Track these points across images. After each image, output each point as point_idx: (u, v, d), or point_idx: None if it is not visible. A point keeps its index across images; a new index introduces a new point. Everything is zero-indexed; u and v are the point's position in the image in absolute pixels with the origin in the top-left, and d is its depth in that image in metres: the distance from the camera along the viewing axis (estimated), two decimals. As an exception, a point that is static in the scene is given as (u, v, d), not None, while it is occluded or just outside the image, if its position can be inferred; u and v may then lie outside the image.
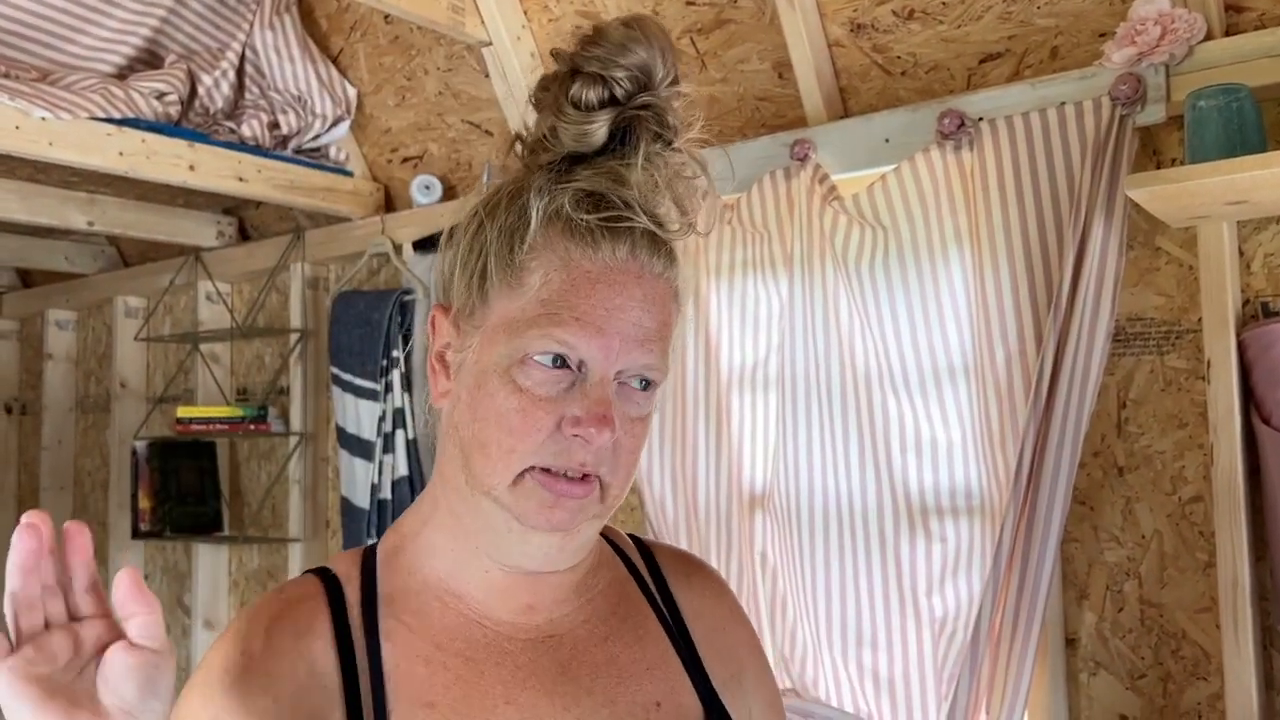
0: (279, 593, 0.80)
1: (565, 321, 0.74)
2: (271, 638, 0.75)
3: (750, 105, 2.11)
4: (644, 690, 0.82)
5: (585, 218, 0.75)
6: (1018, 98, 1.72)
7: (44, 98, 2.14)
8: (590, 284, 0.74)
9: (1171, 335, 1.68)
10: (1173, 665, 1.66)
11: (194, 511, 3.10)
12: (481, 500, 0.77)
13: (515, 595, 0.81)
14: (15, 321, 3.99)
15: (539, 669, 0.79)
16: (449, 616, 0.79)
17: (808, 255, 1.89)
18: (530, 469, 0.75)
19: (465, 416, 0.77)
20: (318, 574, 0.82)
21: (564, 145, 0.77)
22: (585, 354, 0.74)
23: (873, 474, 1.84)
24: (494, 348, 0.76)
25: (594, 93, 0.76)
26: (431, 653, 0.77)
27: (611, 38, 0.76)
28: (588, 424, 0.73)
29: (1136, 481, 1.70)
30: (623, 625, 0.85)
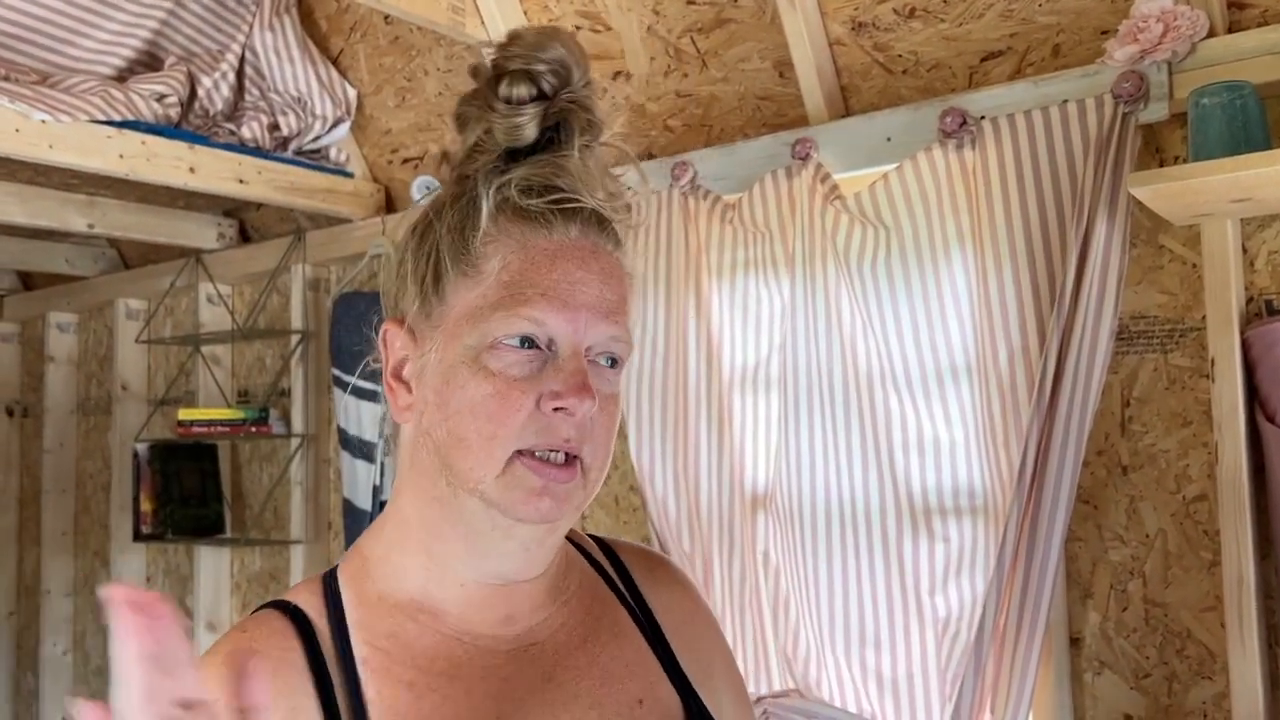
0: (241, 631, 0.77)
1: (531, 299, 0.74)
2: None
3: (751, 104, 2.11)
4: (627, 689, 0.83)
5: (534, 202, 0.77)
6: (1020, 96, 1.72)
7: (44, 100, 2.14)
8: (549, 261, 0.76)
9: (1175, 333, 1.67)
10: (1178, 664, 1.65)
11: (196, 514, 3.10)
12: (466, 501, 0.76)
13: (493, 607, 0.80)
14: (16, 324, 3.99)
15: (525, 679, 0.78)
16: (426, 636, 0.78)
17: (809, 255, 1.89)
18: (516, 455, 0.74)
19: (436, 417, 0.76)
20: (276, 607, 0.79)
21: (499, 143, 0.79)
22: (554, 329, 0.74)
23: (875, 474, 1.84)
24: (458, 340, 0.76)
25: (522, 88, 0.78)
26: (414, 676, 0.76)
27: (527, 39, 0.79)
28: (568, 395, 0.73)
29: (1141, 480, 1.70)
30: (599, 625, 0.85)
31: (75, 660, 3.68)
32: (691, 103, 2.18)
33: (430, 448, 0.77)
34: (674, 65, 2.16)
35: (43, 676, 3.64)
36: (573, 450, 0.75)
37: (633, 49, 2.19)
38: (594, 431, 0.76)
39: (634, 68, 2.21)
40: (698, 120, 2.18)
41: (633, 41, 2.19)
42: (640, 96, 2.23)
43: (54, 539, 3.68)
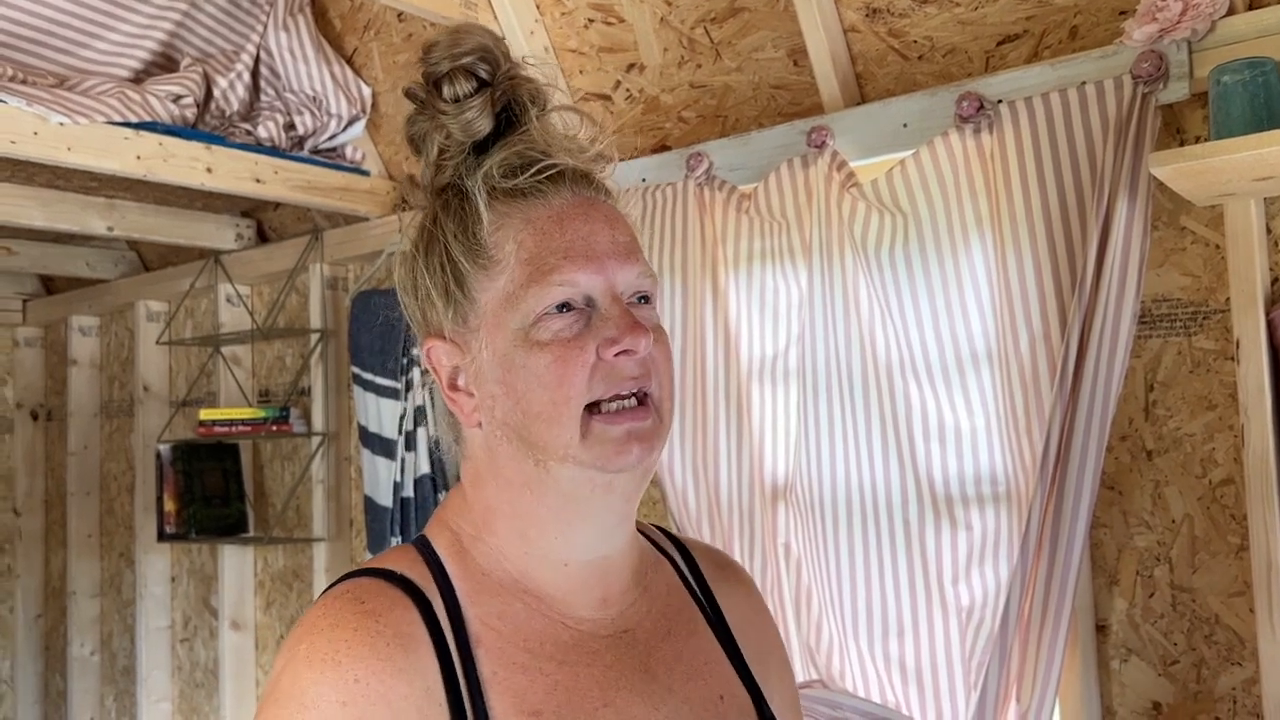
0: (359, 603, 0.73)
1: (555, 265, 0.76)
2: (387, 660, 0.70)
3: (766, 94, 2.10)
4: (709, 685, 0.85)
5: (520, 180, 0.79)
6: (1037, 79, 1.70)
7: (61, 103, 2.15)
8: (557, 225, 0.78)
9: (1199, 316, 1.65)
10: (1206, 650, 1.63)
11: (219, 513, 3.12)
12: (560, 471, 0.77)
13: (590, 588, 0.81)
14: (39, 328, 4.03)
15: (625, 668, 0.80)
16: (534, 619, 0.79)
17: (826, 243, 1.88)
18: (590, 412, 0.76)
19: (508, 404, 0.78)
20: (383, 577, 0.76)
21: (460, 142, 0.82)
22: (585, 284, 0.76)
23: (896, 463, 1.82)
24: (503, 329, 0.78)
25: (462, 84, 0.81)
26: (526, 660, 0.77)
27: (443, 42, 0.82)
28: (623, 336, 0.75)
29: (1166, 465, 1.68)
30: (678, 618, 0.87)
31: (103, 660, 3.71)
32: (706, 93, 2.17)
33: (509, 436, 0.78)
34: (687, 56, 2.16)
35: (71, 677, 3.68)
36: (643, 387, 0.77)
37: (646, 41, 2.19)
38: (656, 366, 0.78)
39: (647, 59, 2.20)
40: (712, 111, 2.18)
41: (646, 33, 2.18)
42: (654, 88, 2.22)
43: (80, 541, 3.71)
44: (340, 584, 0.77)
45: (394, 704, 0.69)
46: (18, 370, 3.99)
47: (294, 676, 0.69)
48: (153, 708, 3.35)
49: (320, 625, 0.72)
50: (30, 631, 3.94)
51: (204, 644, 3.35)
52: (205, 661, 3.33)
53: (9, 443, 3.98)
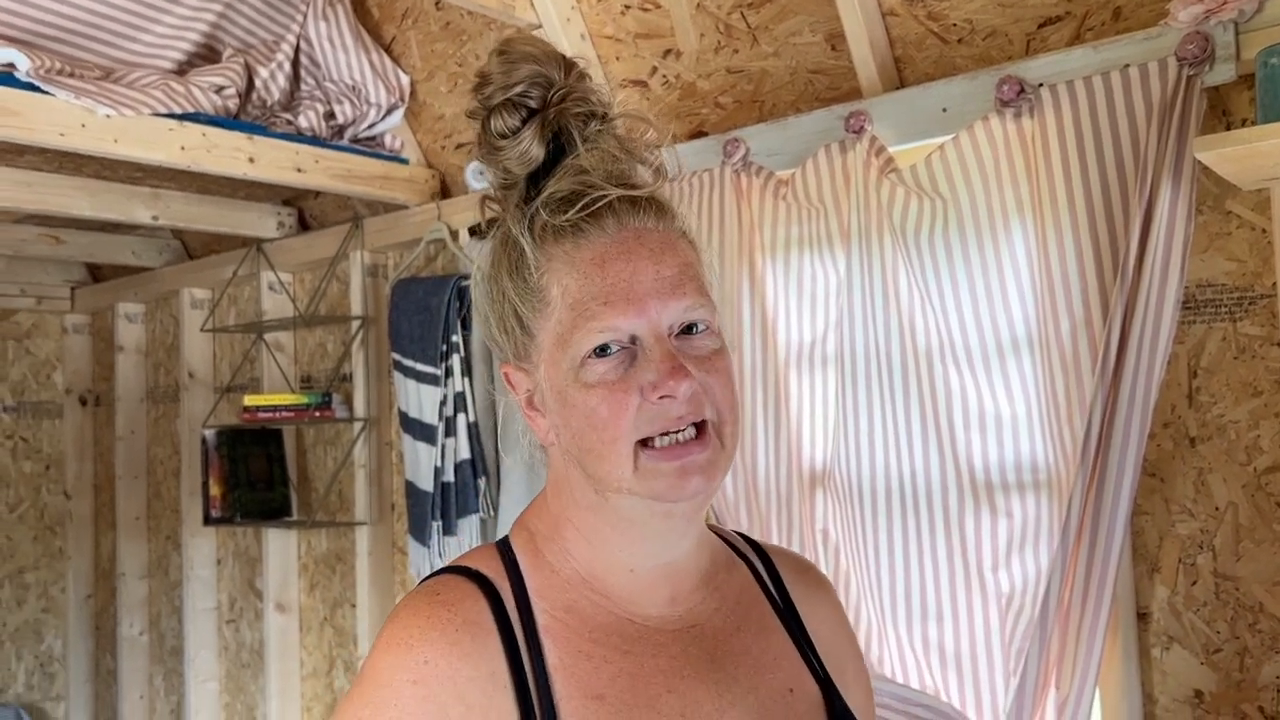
0: (434, 595, 0.79)
1: (595, 313, 0.77)
2: (454, 644, 0.76)
3: (803, 79, 2.09)
4: (777, 678, 0.87)
5: (563, 219, 0.79)
6: (1079, 62, 1.68)
7: (108, 95, 2.19)
8: (599, 267, 0.78)
9: (1244, 301, 1.63)
10: (1249, 639, 1.62)
11: (263, 497, 3.17)
12: (618, 500, 0.80)
13: (658, 589, 0.84)
14: (87, 315, 4.10)
15: (691, 658, 0.82)
16: (600, 614, 0.82)
17: (865, 229, 1.87)
18: (640, 448, 0.77)
19: (566, 436, 0.81)
20: (460, 573, 0.82)
21: (517, 175, 0.82)
22: (627, 327, 0.77)
23: (935, 450, 1.82)
24: (557, 367, 0.80)
25: (509, 117, 0.82)
26: (591, 649, 0.80)
27: (495, 69, 0.82)
28: (664, 380, 0.76)
29: (1209, 452, 1.66)
30: (748, 616, 0.89)
31: (151, 640, 3.79)
32: (743, 79, 2.16)
33: (572, 463, 0.82)
34: (724, 41, 2.15)
35: (120, 657, 3.76)
36: (696, 418, 0.78)
37: (683, 26, 2.18)
38: (710, 393, 0.79)
39: (684, 45, 2.20)
40: (749, 96, 2.17)
41: (682, 19, 2.17)
42: (691, 74, 2.22)
43: (128, 523, 3.79)
44: (424, 582, 0.82)
45: (459, 685, 0.74)
46: (66, 356, 4.08)
47: (373, 661, 0.76)
48: (200, 687, 3.42)
49: (400, 615, 0.78)
50: (81, 611, 4.03)
51: (249, 625, 3.41)
52: (251, 642, 3.39)
53: (59, 427, 4.07)
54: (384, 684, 0.74)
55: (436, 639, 0.75)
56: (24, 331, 4.03)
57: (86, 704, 4.03)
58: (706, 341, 0.80)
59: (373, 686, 0.75)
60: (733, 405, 0.81)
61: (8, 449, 3.97)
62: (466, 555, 0.86)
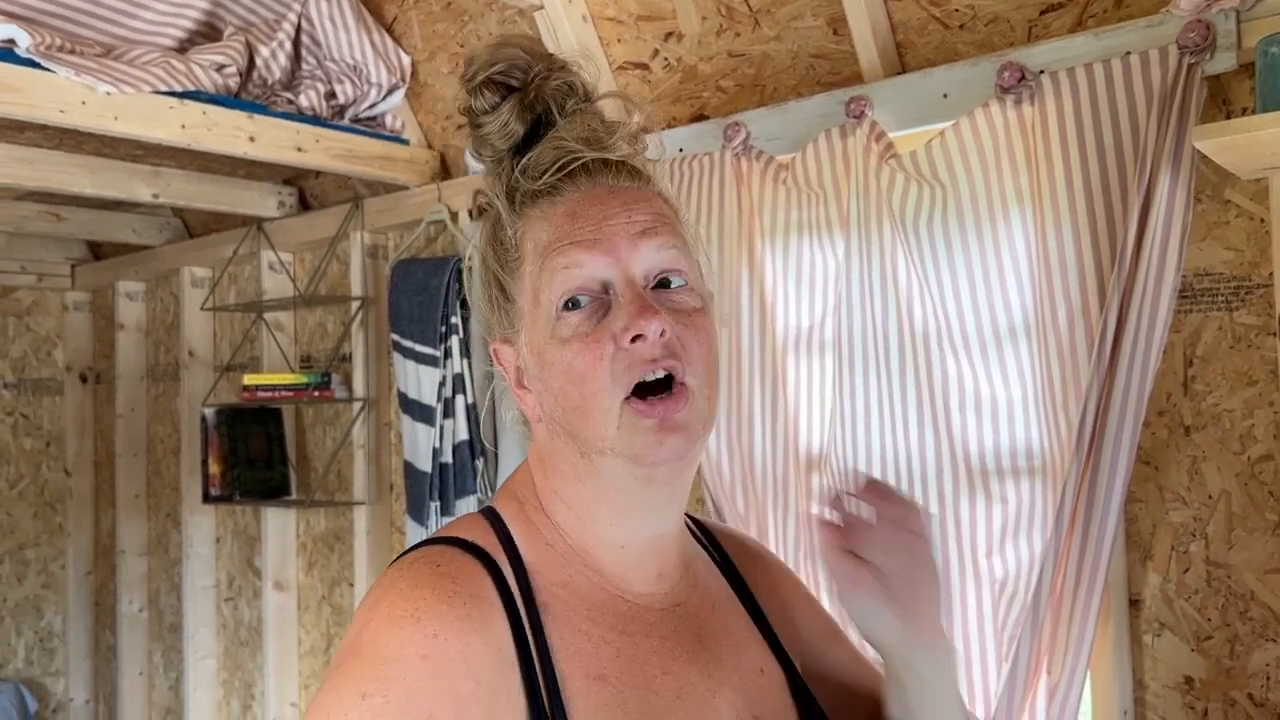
0: (434, 566, 0.75)
1: (563, 250, 0.77)
2: (464, 618, 0.72)
3: (804, 63, 2.09)
4: (751, 657, 0.88)
5: (538, 183, 0.80)
6: (1080, 49, 1.68)
7: (108, 73, 2.18)
8: (570, 218, 0.79)
9: (1241, 291, 1.63)
10: (1240, 627, 1.63)
11: (262, 476, 3.18)
12: (602, 463, 0.78)
13: (646, 565, 0.83)
14: (87, 293, 4.11)
15: (680, 638, 0.83)
16: (595, 591, 0.81)
17: (864, 215, 1.87)
18: (625, 402, 0.76)
19: (549, 400, 0.80)
20: (455, 545, 0.78)
21: (500, 150, 0.83)
22: (594, 267, 0.77)
23: (931, 435, 1.83)
24: (536, 328, 0.80)
25: (489, 94, 0.83)
26: (590, 628, 0.79)
27: (479, 55, 0.84)
28: (634, 319, 0.75)
29: (1204, 440, 1.67)
30: (718, 596, 0.90)
31: (150, 617, 3.81)
32: (744, 62, 2.16)
33: (558, 430, 0.80)
34: (726, 24, 2.14)
35: (120, 633, 3.78)
36: (670, 369, 0.76)
37: (684, 9, 2.18)
38: (686, 349, 0.77)
39: (685, 28, 2.20)
40: (750, 80, 2.17)
41: (684, 1, 2.17)
42: (692, 57, 2.22)
43: (128, 501, 3.81)
44: (413, 552, 0.79)
45: (470, 660, 0.71)
46: (67, 334, 4.08)
47: (374, 634, 0.71)
48: (198, 664, 3.44)
49: (399, 586, 0.74)
50: (81, 588, 4.05)
51: (248, 603, 3.43)
52: (249, 620, 3.41)
53: (59, 405, 4.08)
54: (389, 659, 0.69)
55: (445, 612, 0.71)
56: (25, 308, 4.04)
57: (86, 680, 4.05)
58: (685, 297, 0.79)
59: (377, 662, 0.69)
60: (711, 367, 0.79)
61: (8, 425, 3.98)
62: (455, 525, 0.83)
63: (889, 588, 0.80)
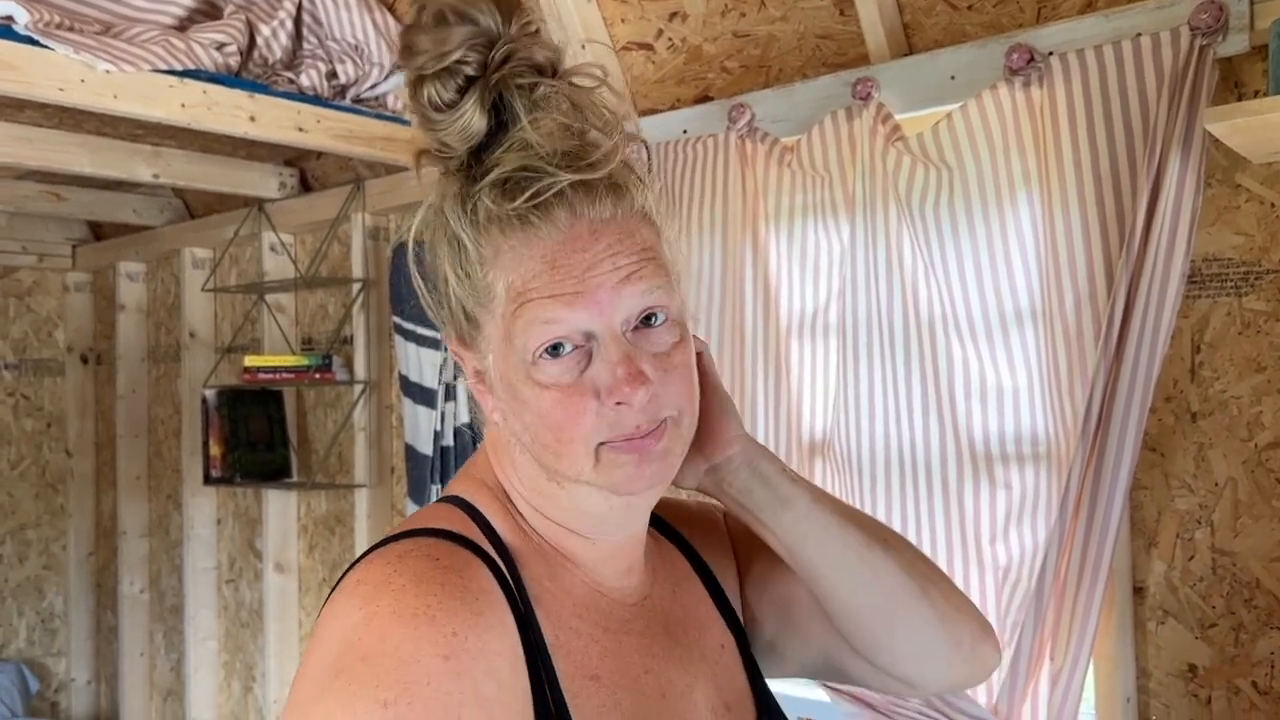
0: (434, 560, 0.70)
1: (543, 304, 0.70)
2: (479, 614, 0.67)
3: (810, 44, 2.06)
4: (712, 635, 0.87)
5: (509, 207, 0.71)
6: (1090, 30, 1.66)
7: (107, 50, 2.16)
8: (550, 267, 0.71)
9: (1250, 276, 1.62)
10: (1245, 614, 1.62)
11: (263, 458, 3.17)
12: (575, 489, 0.76)
13: (618, 560, 0.81)
14: (88, 274, 4.09)
15: (655, 633, 0.81)
16: (577, 586, 0.79)
17: (870, 198, 1.85)
18: (599, 445, 0.72)
19: (517, 425, 0.75)
20: (442, 536, 0.73)
21: (457, 149, 0.74)
22: (579, 322, 0.70)
23: (936, 420, 1.81)
24: (506, 361, 0.74)
25: (443, 89, 0.72)
26: (578, 624, 0.77)
27: (426, 30, 0.72)
28: (620, 387, 0.70)
29: (1210, 427, 1.65)
30: (676, 576, 0.88)
31: (151, 598, 3.82)
32: (749, 43, 2.14)
33: (522, 447, 0.77)
34: (731, 4, 2.12)
35: (121, 614, 3.79)
36: (653, 426, 0.73)
37: (689, -11, 2.15)
38: (667, 389, 0.73)
39: (690, 8, 2.17)
40: (755, 61, 2.14)
41: (689, -19, 2.15)
42: (697, 37, 2.19)
43: (129, 482, 3.80)
44: (393, 545, 0.72)
45: (490, 659, 0.66)
46: (68, 314, 4.07)
47: (380, 634, 0.64)
48: (199, 645, 3.45)
49: (398, 582, 0.68)
50: (82, 569, 4.06)
51: (249, 585, 3.43)
52: (250, 602, 3.41)
53: (60, 385, 4.07)
54: (408, 660, 0.63)
55: (459, 609, 0.66)
56: (25, 289, 4.02)
57: (88, 660, 4.06)
58: (665, 335, 0.74)
59: (394, 663, 0.63)
60: (690, 396, 0.76)
61: (9, 406, 3.98)
62: (427, 515, 0.77)
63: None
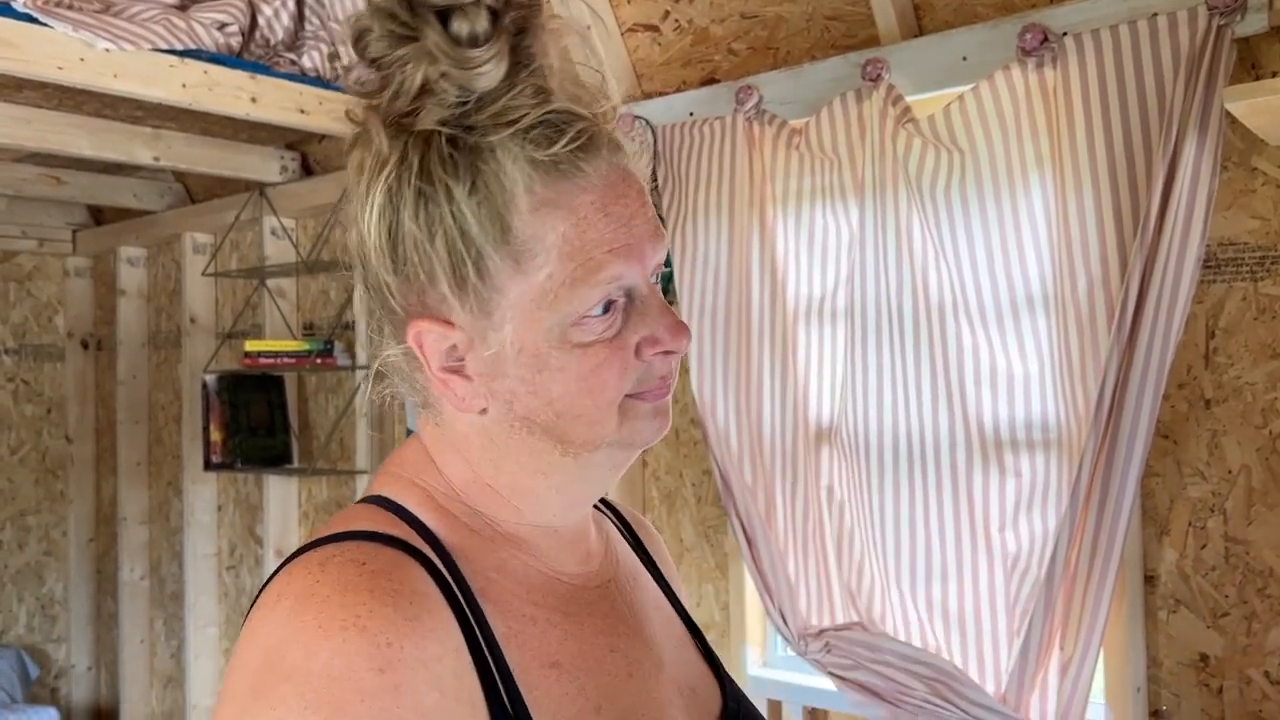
0: (361, 565, 0.65)
1: (603, 262, 0.67)
2: (414, 620, 0.63)
3: (820, 25, 2.04)
4: (673, 624, 0.86)
5: (552, 153, 0.66)
6: (1106, 9, 1.63)
7: (107, 29, 2.14)
8: (600, 213, 0.68)
9: (1267, 261, 1.59)
10: (1258, 604, 1.60)
11: (264, 444, 3.16)
12: (589, 458, 0.73)
13: (576, 546, 0.79)
14: (89, 259, 4.07)
15: (620, 615, 0.79)
16: (531, 574, 0.75)
17: (880, 181, 1.83)
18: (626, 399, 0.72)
19: (536, 404, 0.70)
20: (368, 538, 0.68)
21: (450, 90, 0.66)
22: (633, 277, 0.69)
23: (945, 407, 1.79)
24: (536, 326, 0.68)
25: (479, 19, 0.65)
26: (534, 611, 0.73)
27: None
28: (669, 339, 0.70)
29: (1224, 414, 1.63)
30: (635, 567, 0.88)
31: (152, 585, 3.80)
32: (757, 24, 2.11)
33: (530, 429, 0.72)
34: (739, -14, 2.09)
35: (121, 600, 3.77)
36: (674, 377, 0.75)
37: (697, -31, 2.13)
38: None
39: (698, -11, 2.15)
40: (763, 42, 2.12)
41: (697, -39, 2.12)
42: (704, 19, 2.17)
43: (129, 468, 3.79)
44: (313, 551, 0.67)
45: (430, 666, 0.62)
46: (68, 299, 4.05)
47: (306, 650, 0.60)
48: (199, 632, 3.43)
49: (322, 592, 0.62)
50: (82, 555, 4.04)
51: (249, 571, 3.41)
52: (250, 589, 3.39)
53: (60, 371, 4.05)
54: (339, 676, 0.59)
55: (392, 616, 0.61)
56: (25, 274, 4.00)
57: (88, 647, 4.05)
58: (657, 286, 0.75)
59: (324, 682, 0.58)
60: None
61: (9, 392, 3.96)
62: (348, 518, 0.72)
63: None
